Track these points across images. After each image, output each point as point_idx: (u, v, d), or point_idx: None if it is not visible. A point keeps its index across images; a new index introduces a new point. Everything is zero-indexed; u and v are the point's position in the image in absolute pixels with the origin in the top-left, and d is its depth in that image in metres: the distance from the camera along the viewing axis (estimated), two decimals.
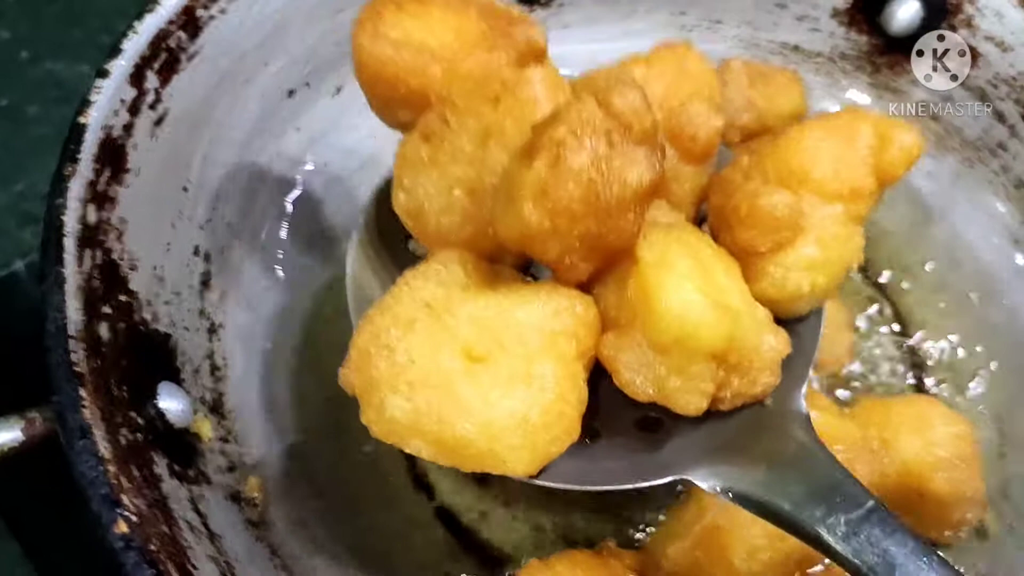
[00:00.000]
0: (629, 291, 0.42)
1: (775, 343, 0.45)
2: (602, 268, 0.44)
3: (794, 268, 0.46)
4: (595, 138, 0.39)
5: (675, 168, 0.50)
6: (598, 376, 0.45)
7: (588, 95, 0.40)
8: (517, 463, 0.40)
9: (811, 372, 0.48)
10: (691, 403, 0.43)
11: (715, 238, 0.48)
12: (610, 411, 0.47)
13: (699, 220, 0.52)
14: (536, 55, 0.48)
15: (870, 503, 0.41)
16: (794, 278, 0.46)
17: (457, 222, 0.46)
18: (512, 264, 0.47)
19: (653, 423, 0.47)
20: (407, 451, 0.40)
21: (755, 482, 0.43)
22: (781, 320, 0.48)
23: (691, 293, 0.41)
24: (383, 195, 0.51)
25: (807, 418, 0.46)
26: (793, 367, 0.46)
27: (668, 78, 0.51)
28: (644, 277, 0.42)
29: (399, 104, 0.47)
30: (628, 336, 0.43)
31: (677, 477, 0.44)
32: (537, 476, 0.42)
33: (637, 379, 0.43)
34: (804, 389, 0.47)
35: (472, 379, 0.40)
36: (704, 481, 0.43)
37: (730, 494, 0.43)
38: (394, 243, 0.52)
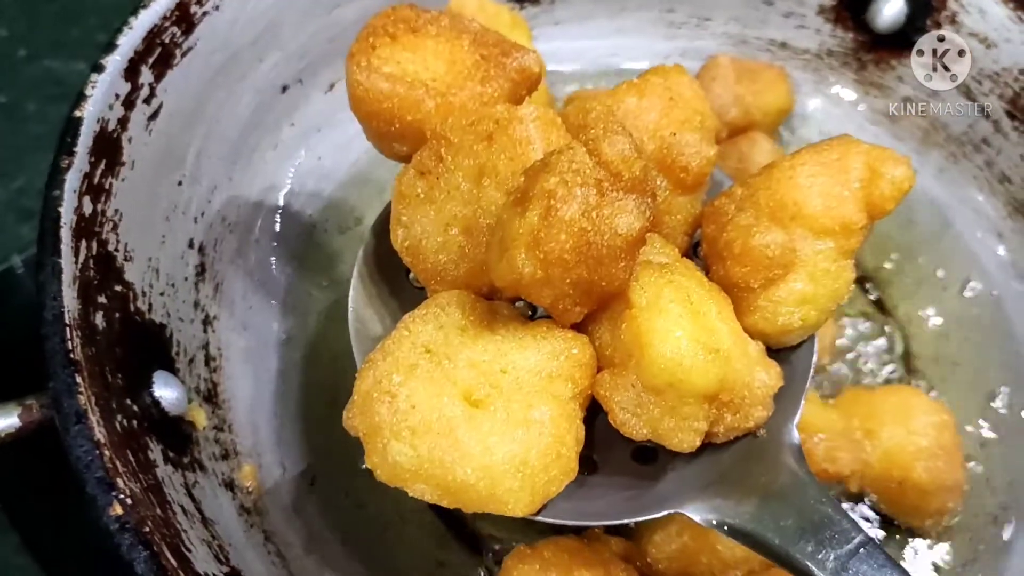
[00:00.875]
0: (623, 334, 0.43)
1: (767, 379, 0.46)
2: (597, 308, 0.45)
3: (785, 303, 0.47)
4: (585, 188, 0.39)
5: (667, 199, 0.50)
6: (595, 408, 0.46)
7: (578, 143, 0.41)
8: (517, 504, 0.41)
9: (803, 402, 0.48)
10: (684, 441, 0.44)
11: (708, 267, 0.49)
12: (607, 443, 0.47)
13: (693, 246, 0.53)
14: (529, 84, 0.49)
15: (859, 537, 0.42)
16: (785, 313, 0.47)
17: (454, 260, 0.46)
18: (509, 298, 0.47)
19: (649, 453, 0.48)
20: (411, 494, 0.41)
21: (748, 516, 0.43)
22: (773, 349, 0.49)
23: (683, 339, 0.42)
24: (381, 228, 0.51)
25: (799, 448, 0.47)
26: (786, 397, 0.47)
27: (660, 107, 0.51)
28: (637, 322, 0.42)
29: (395, 137, 0.48)
30: (622, 376, 0.44)
31: (673, 511, 0.45)
32: (537, 514, 0.43)
33: (631, 419, 0.44)
34: (797, 419, 0.48)
35: (471, 424, 0.41)
36: (699, 515, 0.44)
37: (725, 528, 0.44)
38: (394, 276, 0.52)
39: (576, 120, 0.49)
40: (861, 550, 0.41)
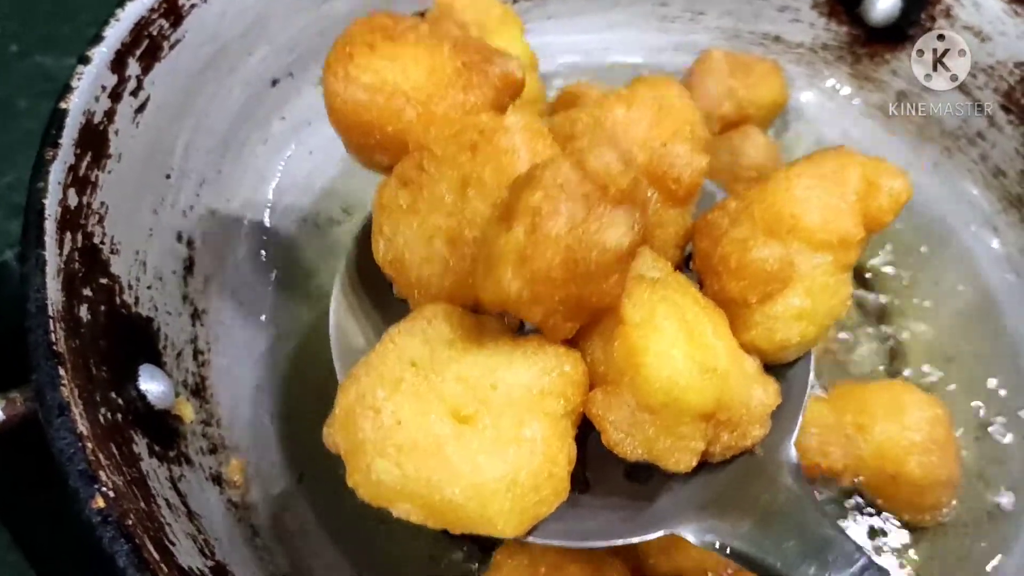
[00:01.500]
0: (615, 352, 0.42)
1: (764, 397, 0.45)
2: (588, 324, 0.44)
3: (782, 319, 0.46)
4: (571, 203, 0.38)
5: (658, 212, 0.49)
6: (587, 426, 0.44)
7: (563, 156, 0.39)
8: (506, 526, 0.40)
9: (801, 419, 0.47)
10: (681, 462, 0.43)
11: (701, 282, 0.48)
12: (600, 461, 0.46)
13: (684, 260, 0.52)
14: (512, 91, 0.48)
15: (862, 560, 0.41)
16: (782, 328, 0.46)
17: (438, 273, 0.45)
18: (496, 313, 0.45)
19: (643, 472, 0.47)
20: (396, 514, 0.40)
21: (747, 538, 0.43)
22: (769, 366, 0.48)
23: (678, 357, 0.41)
24: (363, 238, 0.50)
25: (798, 467, 0.46)
26: (783, 415, 0.46)
27: (649, 117, 0.50)
28: (630, 340, 0.41)
29: (375, 149, 0.47)
30: (616, 395, 0.43)
31: (668, 532, 0.44)
32: (527, 535, 0.42)
33: (625, 439, 0.43)
34: (794, 437, 0.47)
35: (460, 442, 0.40)
36: (695, 536, 0.44)
37: (726, 551, 0.43)
38: (377, 288, 0.51)
39: (564, 130, 0.49)
40: (865, 574, 0.40)
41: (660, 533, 0.44)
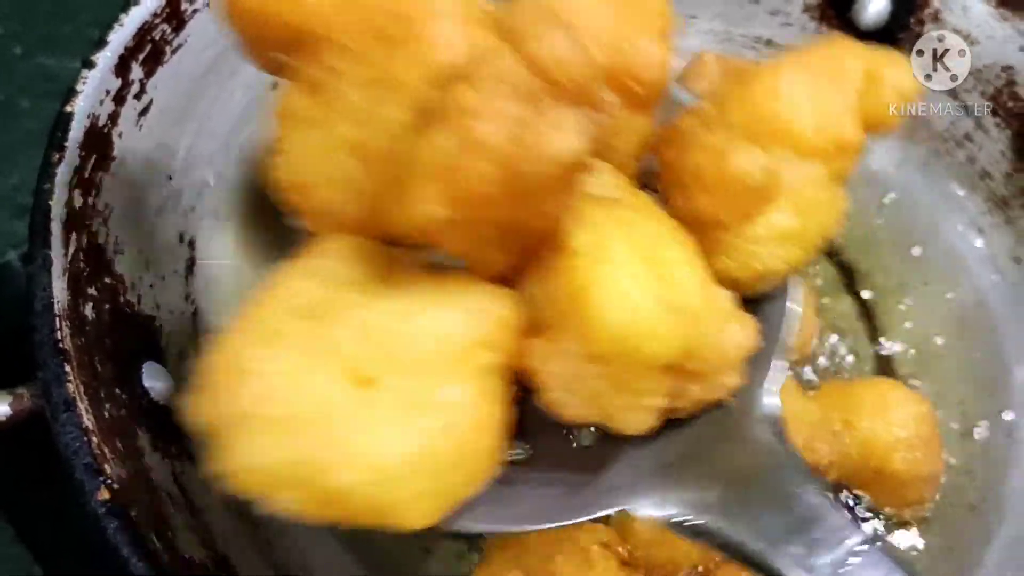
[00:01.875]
0: (558, 290, 0.34)
1: (740, 338, 0.37)
2: (525, 256, 0.35)
3: (764, 242, 0.39)
4: (511, 101, 0.30)
5: (614, 118, 0.40)
6: (523, 382, 0.37)
7: (502, 43, 0.32)
8: (417, 515, 0.32)
9: (782, 361, 0.40)
10: (636, 422, 0.36)
11: (665, 199, 0.40)
12: (539, 425, 0.38)
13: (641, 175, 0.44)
14: None
15: (856, 538, 0.34)
16: (764, 253, 0.39)
17: (344, 197, 0.37)
18: (412, 244, 0.36)
19: (591, 436, 0.40)
20: (275, 506, 0.31)
21: (716, 510, 0.35)
22: (743, 299, 0.40)
23: (635, 295, 0.33)
24: (258, 162, 0.42)
25: (778, 419, 0.38)
26: (758, 357, 0.38)
27: (612, 6, 0.40)
28: (575, 272, 0.33)
29: (273, 45, 0.38)
30: (557, 343, 0.34)
31: (620, 508, 0.37)
32: (446, 523, 0.33)
33: (569, 397, 0.35)
34: (774, 383, 0.39)
35: (359, 411, 0.31)
36: (654, 510, 0.36)
37: (691, 528, 0.35)
38: (272, 219, 0.43)
39: (505, 24, 0.37)
40: (856, 558, 0.33)
41: (611, 510, 0.37)
